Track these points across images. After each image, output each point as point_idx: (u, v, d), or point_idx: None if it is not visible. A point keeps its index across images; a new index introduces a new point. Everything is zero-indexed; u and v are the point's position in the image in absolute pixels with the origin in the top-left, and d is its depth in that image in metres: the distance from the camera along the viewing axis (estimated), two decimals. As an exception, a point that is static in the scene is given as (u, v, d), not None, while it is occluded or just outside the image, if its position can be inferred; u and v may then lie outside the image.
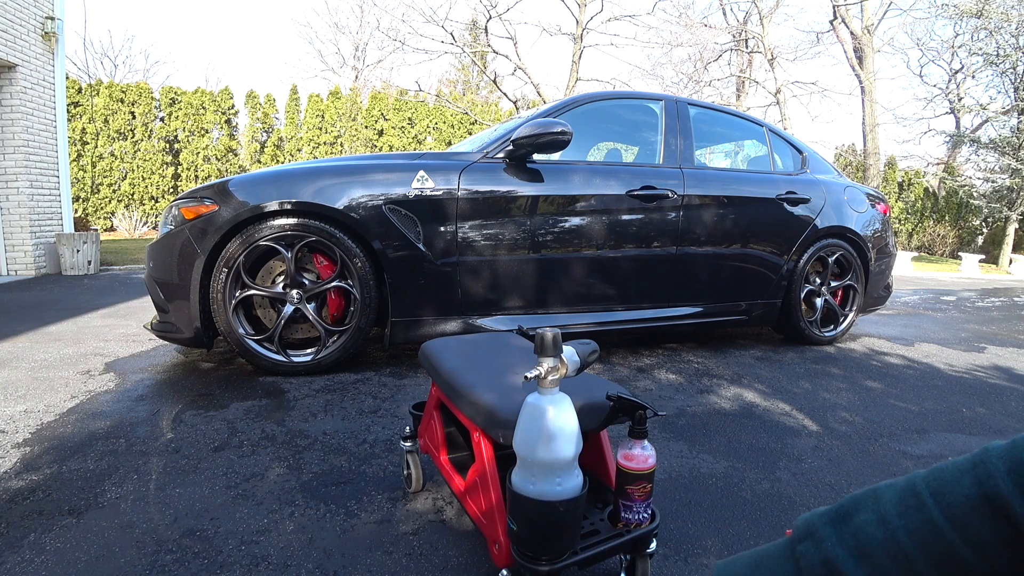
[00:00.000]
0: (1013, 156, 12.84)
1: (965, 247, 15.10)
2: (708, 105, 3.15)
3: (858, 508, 0.46)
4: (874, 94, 14.54)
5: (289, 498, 1.28)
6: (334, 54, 26.80)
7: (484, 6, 12.52)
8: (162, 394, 1.99)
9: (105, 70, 20.60)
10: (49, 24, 5.67)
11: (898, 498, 0.44)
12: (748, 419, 1.91)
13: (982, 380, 2.54)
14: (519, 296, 2.43)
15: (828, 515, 0.47)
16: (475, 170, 2.33)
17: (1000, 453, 0.40)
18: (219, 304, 2.12)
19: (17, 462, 1.42)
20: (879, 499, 0.46)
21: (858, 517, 0.45)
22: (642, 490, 0.88)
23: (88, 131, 10.78)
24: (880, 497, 0.46)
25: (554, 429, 0.78)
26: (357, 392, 2.04)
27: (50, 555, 1.04)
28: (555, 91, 15.78)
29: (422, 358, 1.24)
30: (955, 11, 13.40)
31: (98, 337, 2.85)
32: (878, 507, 0.45)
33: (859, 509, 0.46)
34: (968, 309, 5.18)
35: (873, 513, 0.45)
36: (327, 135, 12.22)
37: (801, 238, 2.97)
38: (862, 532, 0.44)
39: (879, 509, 0.45)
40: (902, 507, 0.44)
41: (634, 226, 2.59)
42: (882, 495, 0.46)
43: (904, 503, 0.44)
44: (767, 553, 0.50)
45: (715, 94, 17.08)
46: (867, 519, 0.45)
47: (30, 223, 5.49)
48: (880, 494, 0.46)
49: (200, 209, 2.13)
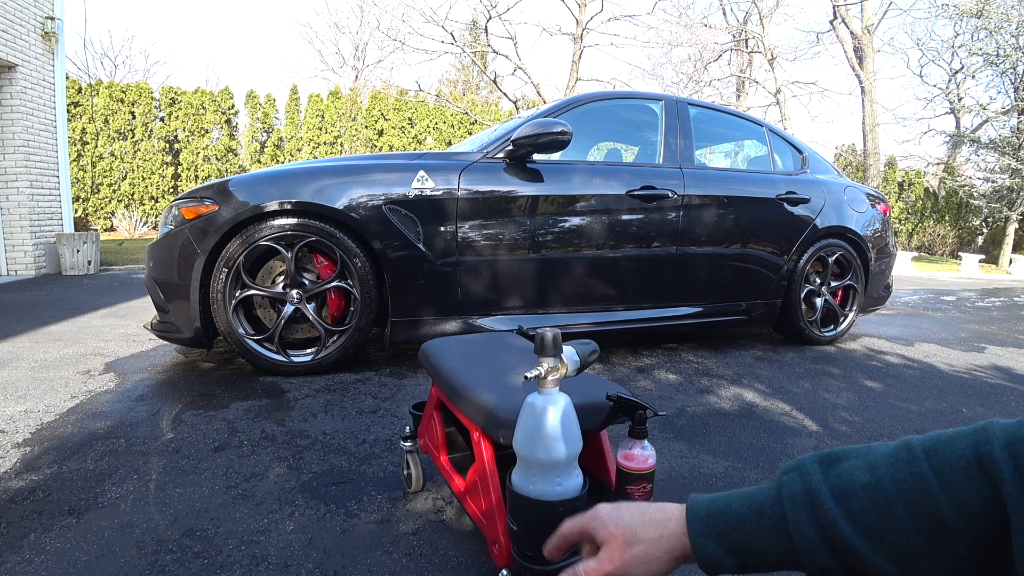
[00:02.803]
0: (1013, 156, 12.84)
1: (965, 247, 15.10)
2: (708, 105, 3.15)
3: (849, 455, 0.47)
4: (874, 94, 14.54)
5: (289, 498, 1.28)
6: (334, 54, 26.82)
7: (484, 6, 12.53)
8: (162, 394, 1.99)
9: (105, 70, 20.62)
10: (49, 24, 5.67)
11: (891, 451, 0.45)
12: (748, 419, 1.91)
13: (982, 380, 2.54)
14: (519, 296, 2.43)
15: (818, 456, 0.49)
16: (475, 170, 2.33)
17: (1003, 426, 0.41)
18: (219, 304, 2.12)
19: (17, 462, 1.42)
20: (871, 450, 0.47)
21: (847, 462, 0.47)
22: (642, 490, 0.88)
23: (88, 131, 10.78)
24: (873, 449, 0.47)
25: (554, 429, 0.78)
26: (357, 392, 2.04)
27: (50, 555, 1.04)
28: (555, 91, 15.79)
29: (422, 358, 1.24)
30: (955, 11, 13.40)
31: (98, 337, 2.85)
32: (869, 456, 0.46)
33: (850, 456, 0.47)
34: (968, 309, 5.17)
35: (863, 460, 0.46)
36: (327, 135, 12.22)
37: (801, 238, 2.97)
38: (848, 475, 0.45)
39: (869, 458, 0.46)
40: (893, 458, 0.45)
41: (634, 226, 2.59)
42: (875, 447, 0.47)
43: (896, 455, 0.45)
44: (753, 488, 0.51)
45: (715, 94, 17.09)
46: (855, 464, 0.46)
47: (30, 223, 5.49)
48: (873, 446, 0.47)
49: (200, 209, 2.13)
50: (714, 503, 0.51)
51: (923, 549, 0.41)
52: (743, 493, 0.51)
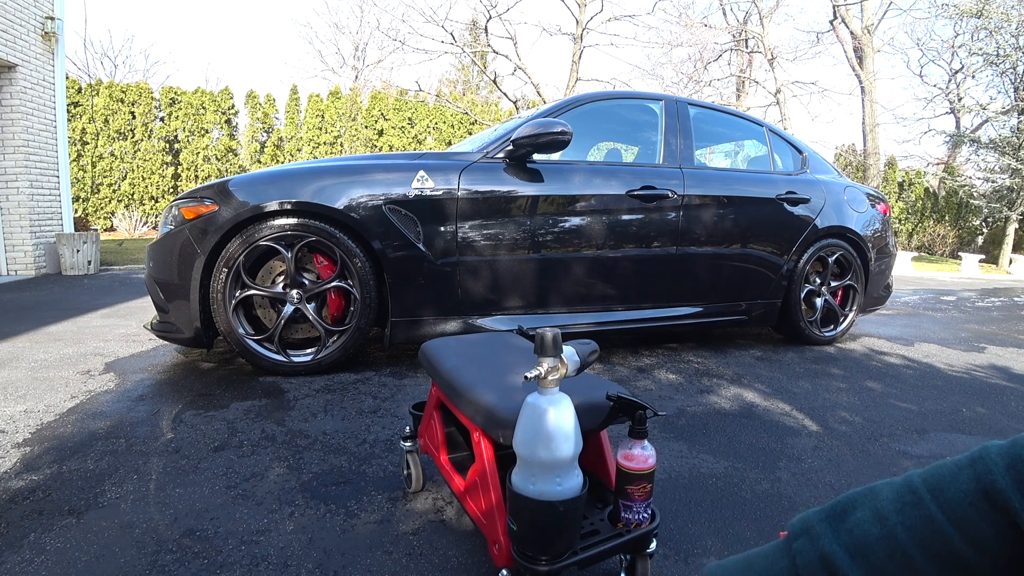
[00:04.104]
0: (1013, 156, 12.84)
1: (965, 247, 15.10)
2: (708, 105, 3.15)
3: (855, 506, 0.46)
4: (874, 94, 14.54)
5: (289, 498, 1.28)
6: (334, 54, 26.82)
7: (484, 6, 12.52)
8: (162, 394, 1.98)
9: (105, 70, 20.61)
10: (49, 24, 5.67)
11: (895, 495, 0.44)
12: (748, 419, 1.91)
13: (982, 380, 2.53)
14: (519, 296, 2.43)
15: (824, 513, 0.47)
16: (475, 170, 2.33)
17: (999, 450, 0.40)
18: (219, 304, 2.12)
19: (17, 462, 1.42)
20: (876, 496, 0.45)
21: (855, 515, 0.45)
22: (642, 490, 0.88)
23: (88, 131, 10.78)
24: (877, 495, 0.45)
25: (554, 429, 0.78)
26: (357, 392, 2.04)
27: (50, 555, 1.04)
28: (555, 91, 15.78)
29: (422, 358, 1.24)
30: (955, 11, 13.40)
31: (98, 337, 2.85)
32: (875, 504, 0.44)
33: (856, 507, 0.45)
34: (968, 309, 5.17)
35: (870, 510, 0.44)
36: (327, 135, 12.22)
37: (801, 238, 2.97)
38: (859, 529, 0.44)
39: (876, 506, 0.44)
40: (899, 504, 0.43)
41: (634, 226, 2.59)
42: (879, 492, 0.45)
43: (902, 500, 0.43)
44: (761, 553, 0.49)
45: (715, 94, 17.08)
46: (864, 516, 0.44)
47: (30, 223, 5.49)
48: (877, 492, 0.45)
49: (200, 209, 2.13)
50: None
51: None
52: (754, 567, 0.49)
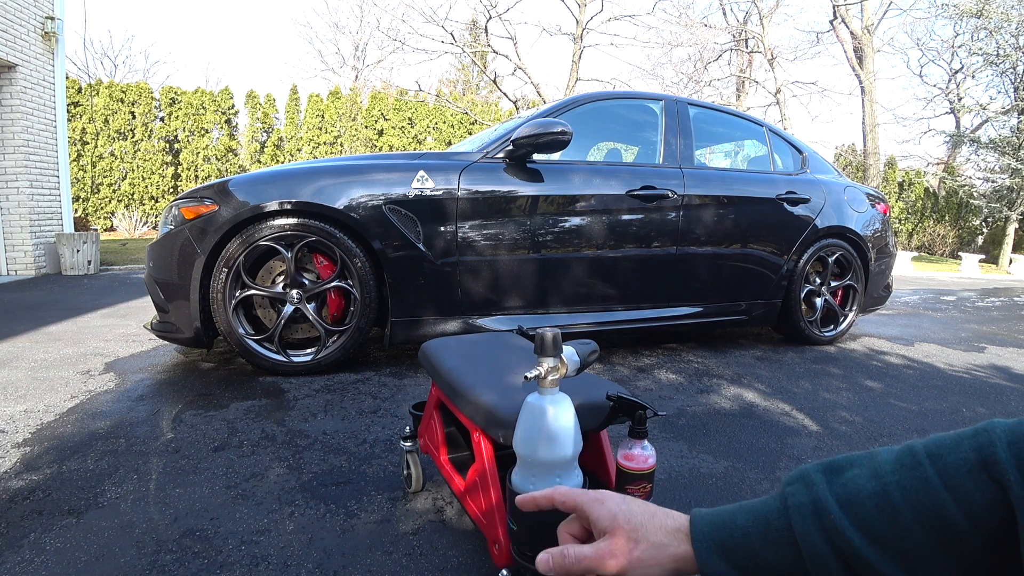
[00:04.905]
0: (1013, 156, 12.83)
1: (965, 247, 15.10)
2: (708, 105, 3.15)
3: (853, 463, 0.47)
4: (874, 94, 14.54)
5: (289, 498, 1.28)
6: (334, 54, 26.84)
7: (484, 6, 12.53)
8: (162, 394, 1.98)
9: (105, 70, 20.63)
10: (49, 24, 5.67)
11: (895, 457, 0.45)
12: (748, 419, 1.91)
13: (982, 380, 2.53)
14: (519, 296, 2.43)
15: (822, 465, 0.48)
16: (475, 170, 2.33)
17: (1004, 427, 0.41)
18: (219, 304, 2.12)
19: (17, 462, 1.42)
20: (875, 457, 0.46)
21: (852, 471, 0.46)
22: (642, 490, 0.88)
23: (88, 131, 10.78)
24: (876, 455, 0.46)
25: (554, 429, 0.78)
26: (357, 392, 2.04)
27: (50, 555, 1.04)
28: (555, 91, 15.79)
29: (422, 358, 1.24)
30: (955, 11, 13.40)
31: (98, 337, 2.85)
32: (873, 463, 0.46)
33: (854, 464, 0.47)
34: (968, 309, 5.17)
35: (867, 468, 0.45)
36: (327, 135, 12.22)
37: (801, 238, 2.97)
38: (853, 483, 0.45)
39: (874, 465, 0.45)
40: (897, 464, 0.44)
41: (634, 226, 2.59)
42: (878, 454, 0.47)
43: (900, 461, 0.44)
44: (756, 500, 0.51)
45: (715, 94, 17.09)
46: (860, 472, 0.45)
47: (30, 223, 5.49)
48: (876, 453, 0.47)
49: (200, 209, 2.13)
50: (718, 517, 0.50)
51: (933, 554, 0.41)
52: (746, 506, 0.50)
